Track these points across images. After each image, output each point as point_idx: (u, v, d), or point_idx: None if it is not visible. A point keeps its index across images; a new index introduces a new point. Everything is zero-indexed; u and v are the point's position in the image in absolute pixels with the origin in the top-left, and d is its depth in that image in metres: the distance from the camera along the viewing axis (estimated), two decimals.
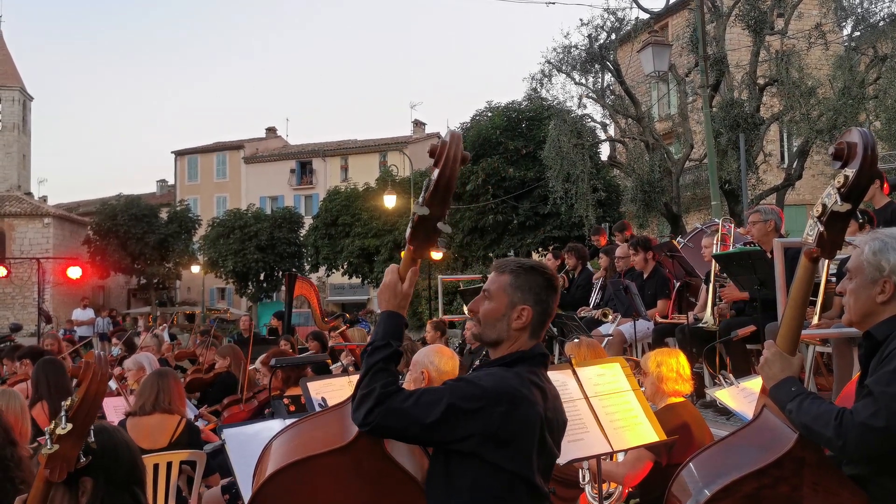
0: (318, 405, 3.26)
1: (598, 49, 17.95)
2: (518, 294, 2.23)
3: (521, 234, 24.57)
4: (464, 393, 2.09)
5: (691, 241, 8.44)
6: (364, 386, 2.09)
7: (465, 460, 2.10)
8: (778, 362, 2.14)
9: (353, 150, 45.06)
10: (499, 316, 2.24)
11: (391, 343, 2.16)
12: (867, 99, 15.61)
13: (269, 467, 2.20)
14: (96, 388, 1.92)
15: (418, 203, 2.09)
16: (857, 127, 2.22)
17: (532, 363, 2.23)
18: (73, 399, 1.91)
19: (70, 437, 1.88)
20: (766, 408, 2.11)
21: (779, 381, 2.11)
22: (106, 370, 1.97)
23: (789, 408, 2.03)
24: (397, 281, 2.21)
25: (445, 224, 2.11)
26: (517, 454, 2.10)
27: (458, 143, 2.07)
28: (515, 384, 2.13)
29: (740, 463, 1.97)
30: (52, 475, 1.89)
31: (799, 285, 2.17)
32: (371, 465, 2.15)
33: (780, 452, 1.94)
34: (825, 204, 2.07)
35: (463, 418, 2.06)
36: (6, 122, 43.60)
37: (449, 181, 2.06)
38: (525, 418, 2.11)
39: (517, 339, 2.24)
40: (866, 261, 2.16)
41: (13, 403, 3.61)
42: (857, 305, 2.19)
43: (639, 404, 3.35)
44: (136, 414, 4.52)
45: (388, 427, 2.07)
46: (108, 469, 2.02)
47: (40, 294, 21.12)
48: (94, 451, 1.95)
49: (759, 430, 2.08)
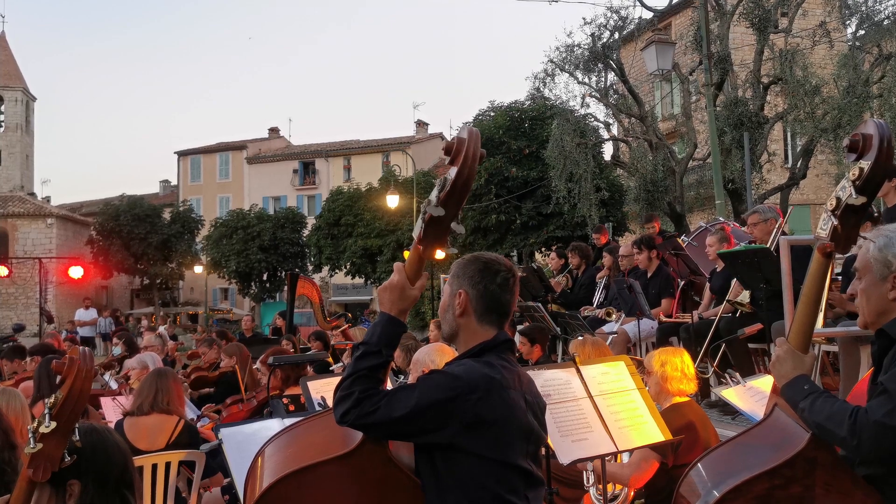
0: (317, 405, 3.21)
1: (601, 48, 17.89)
2: (456, 282, 2.27)
3: (524, 233, 24.51)
4: (435, 383, 2.08)
5: (695, 240, 8.41)
6: (345, 388, 2.07)
7: (449, 453, 2.06)
8: (790, 360, 2.08)
9: (356, 151, 45.03)
10: (445, 307, 2.28)
11: (383, 351, 2.12)
12: (872, 97, 15.53)
13: (266, 477, 2.10)
14: (80, 386, 1.86)
15: (431, 202, 2.00)
16: (872, 118, 2.16)
17: (498, 350, 2.21)
18: (57, 396, 1.85)
19: (54, 435, 1.82)
20: (777, 407, 2.06)
21: (791, 380, 2.05)
22: (91, 367, 1.91)
23: (802, 406, 1.98)
24: (406, 283, 2.15)
25: (459, 224, 2.05)
26: (499, 441, 2.07)
27: (476, 141, 1.99)
28: (487, 371, 2.11)
29: (751, 463, 1.92)
30: (36, 474, 1.82)
31: (812, 282, 2.09)
32: (375, 472, 2.08)
33: (792, 452, 1.89)
34: (839, 197, 2.01)
35: (437, 408, 2.03)
36: (9, 122, 43.64)
37: (467, 181, 1.98)
38: (502, 402, 2.09)
39: (466, 328, 2.24)
40: (873, 258, 2.10)
41: (14, 403, 3.55)
42: (870, 306, 2.13)
43: (644, 403, 3.29)
44: (134, 414, 4.45)
45: (364, 426, 2.05)
46: (97, 472, 1.95)
47: (42, 294, 21.12)
48: (79, 450, 1.89)
49: (770, 430, 2.03)
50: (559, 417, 2.93)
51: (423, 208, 2.04)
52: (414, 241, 2.13)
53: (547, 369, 3.12)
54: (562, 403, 2.95)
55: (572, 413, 3.04)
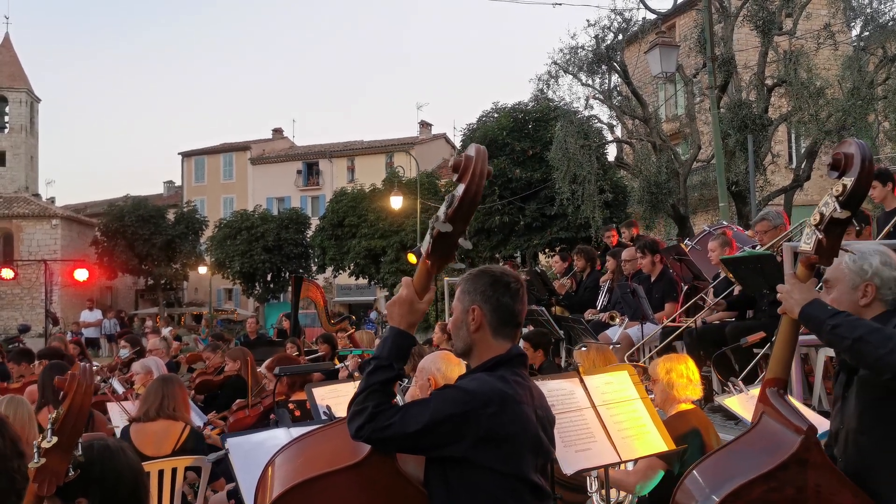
0: (322, 413, 3.23)
1: (604, 50, 17.87)
2: (467, 297, 2.28)
3: (528, 235, 24.53)
4: (449, 398, 2.10)
5: (698, 244, 8.40)
6: (359, 403, 2.11)
7: (461, 467, 2.09)
8: (798, 289, 2.18)
9: (360, 151, 45.07)
10: (459, 324, 2.29)
11: (394, 365, 2.15)
12: (876, 99, 15.51)
13: (276, 487, 2.12)
14: (81, 401, 1.89)
15: (439, 218, 2.05)
16: (853, 138, 2.29)
17: (511, 364, 2.24)
18: (59, 412, 1.88)
19: (56, 450, 1.85)
20: (764, 414, 2.14)
21: (810, 301, 2.14)
22: (91, 382, 1.94)
23: (832, 322, 2.07)
24: (414, 297, 2.18)
25: (466, 240, 2.09)
26: (511, 455, 2.10)
27: (484, 159, 2.04)
28: (501, 386, 2.14)
29: (746, 468, 2.00)
30: (41, 489, 1.85)
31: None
32: (384, 483, 2.11)
33: (786, 455, 1.97)
34: (822, 212, 2.13)
35: (451, 423, 2.06)
36: (14, 123, 43.71)
37: (474, 198, 2.03)
38: (515, 418, 2.12)
39: (482, 342, 2.25)
40: (847, 268, 2.26)
41: (20, 411, 3.57)
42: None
43: (647, 412, 3.31)
44: (140, 420, 4.48)
45: (379, 440, 2.08)
46: (105, 490, 1.97)
47: (47, 296, 21.17)
48: (85, 466, 1.91)
49: (761, 435, 2.12)
50: (563, 428, 2.95)
51: (430, 224, 2.08)
52: (422, 257, 2.16)
53: (551, 380, 3.14)
54: (565, 414, 2.97)
55: (576, 423, 3.06)
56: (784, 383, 2.18)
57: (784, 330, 2.21)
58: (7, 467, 2.58)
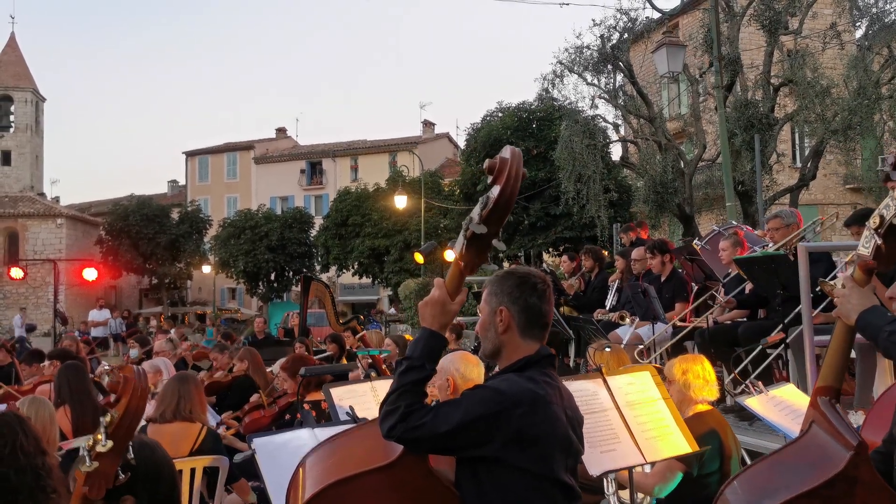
0: (345, 414, 3.23)
1: (610, 49, 17.87)
2: (494, 299, 2.29)
3: (533, 234, 24.51)
4: (481, 398, 2.11)
5: (709, 244, 8.40)
6: (391, 402, 2.11)
7: (492, 467, 2.09)
8: (857, 294, 2.10)
9: (363, 151, 45.08)
10: (487, 325, 2.30)
11: (426, 366, 2.16)
12: (882, 99, 15.52)
13: (309, 487, 2.13)
14: (136, 404, 1.87)
15: (473, 220, 2.05)
16: None
17: (541, 365, 2.24)
18: (113, 415, 1.86)
19: (110, 454, 1.83)
20: (814, 423, 2.06)
21: (869, 307, 2.06)
22: (146, 385, 1.93)
23: (891, 329, 1.98)
24: (446, 299, 2.19)
25: (500, 241, 2.09)
26: (543, 455, 2.11)
27: (519, 161, 2.04)
28: (531, 386, 2.14)
29: (789, 482, 1.90)
30: (92, 492, 1.84)
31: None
32: (416, 484, 2.11)
33: (833, 472, 1.86)
34: (883, 215, 2.01)
35: (482, 423, 2.07)
36: (19, 123, 43.71)
37: (509, 200, 2.03)
38: (545, 418, 2.13)
39: (510, 343, 2.26)
40: None
41: (42, 411, 3.60)
42: None
43: (669, 413, 3.32)
44: (157, 421, 4.44)
45: (411, 440, 2.08)
46: (150, 487, 1.98)
47: (56, 296, 21.19)
48: (133, 467, 1.91)
49: (808, 447, 2.01)
50: (587, 428, 2.93)
51: (464, 225, 2.08)
52: (455, 258, 2.16)
53: (574, 380, 3.14)
54: (590, 415, 2.97)
55: (600, 424, 3.06)
56: (836, 392, 2.09)
57: (838, 336, 2.12)
58: (33, 464, 2.60)
